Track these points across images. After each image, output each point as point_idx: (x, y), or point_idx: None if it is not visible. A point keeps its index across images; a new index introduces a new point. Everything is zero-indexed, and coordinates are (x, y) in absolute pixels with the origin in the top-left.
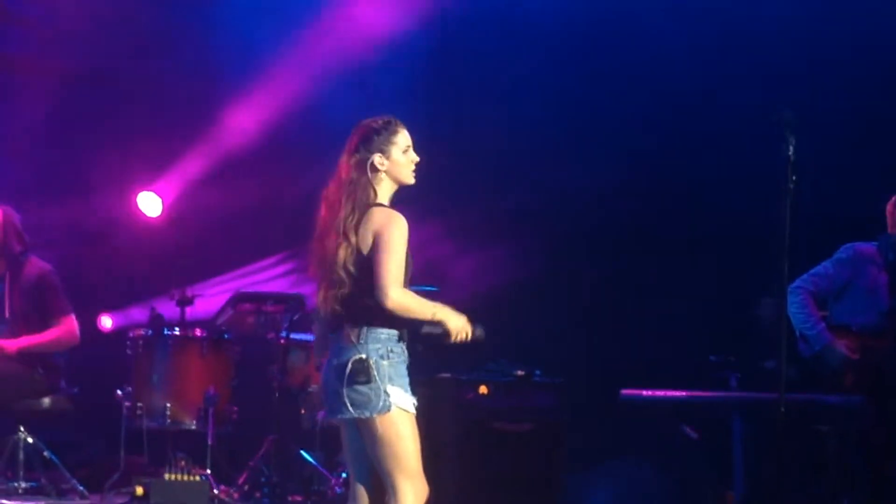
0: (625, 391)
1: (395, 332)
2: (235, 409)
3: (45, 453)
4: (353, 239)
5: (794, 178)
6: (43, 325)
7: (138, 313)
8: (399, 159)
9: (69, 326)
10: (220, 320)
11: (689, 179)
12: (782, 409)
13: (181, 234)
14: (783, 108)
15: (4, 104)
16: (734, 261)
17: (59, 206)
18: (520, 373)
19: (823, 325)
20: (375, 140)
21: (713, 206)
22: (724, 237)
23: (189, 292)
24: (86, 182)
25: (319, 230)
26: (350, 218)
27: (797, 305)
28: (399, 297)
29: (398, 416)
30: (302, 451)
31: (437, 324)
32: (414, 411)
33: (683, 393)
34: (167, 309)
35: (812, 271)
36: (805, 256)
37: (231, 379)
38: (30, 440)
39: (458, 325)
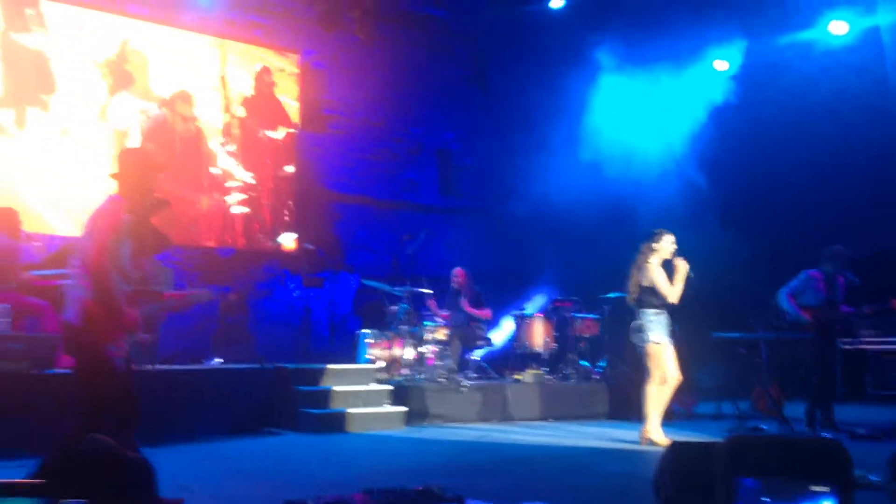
0: None
1: (654, 310)
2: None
3: (483, 363)
4: (635, 273)
5: None
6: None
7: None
8: (665, 246)
9: (487, 312)
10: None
11: None
12: None
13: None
14: None
15: None
16: None
17: None
18: None
19: None
20: (655, 236)
21: None
22: None
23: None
24: None
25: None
26: (636, 265)
27: None
28: (675, 295)
29: (653, 346)
30: None
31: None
32: (665, 341)
33: None
34: None
35: None
36: None
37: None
38: (476, 358)
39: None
